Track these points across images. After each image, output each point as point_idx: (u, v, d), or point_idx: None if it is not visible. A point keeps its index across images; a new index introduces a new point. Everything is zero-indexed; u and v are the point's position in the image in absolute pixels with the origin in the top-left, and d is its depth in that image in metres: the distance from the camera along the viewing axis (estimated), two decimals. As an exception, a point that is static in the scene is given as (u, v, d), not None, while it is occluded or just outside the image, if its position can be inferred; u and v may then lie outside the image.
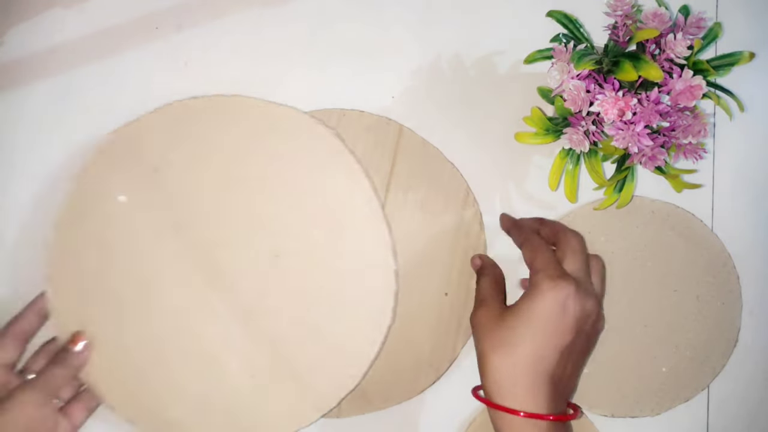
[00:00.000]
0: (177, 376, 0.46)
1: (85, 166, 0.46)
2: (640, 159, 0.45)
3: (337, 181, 0.47)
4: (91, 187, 0.46)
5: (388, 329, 0.47)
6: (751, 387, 0.53)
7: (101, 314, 0.46)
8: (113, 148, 0.46)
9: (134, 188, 0.46)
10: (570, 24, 0.48)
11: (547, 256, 0.43)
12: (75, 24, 0.51)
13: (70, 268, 0.46)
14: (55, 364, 0.45)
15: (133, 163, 0.45)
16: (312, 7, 0.52)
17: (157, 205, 0.45)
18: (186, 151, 0.46)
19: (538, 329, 0.41)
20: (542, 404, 0.40)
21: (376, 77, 0.52)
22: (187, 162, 0.46)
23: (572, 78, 0.44)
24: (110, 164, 0.46)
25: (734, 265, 0.53)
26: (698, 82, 0.43)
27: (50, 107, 0.51)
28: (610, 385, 0.51)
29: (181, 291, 0.46)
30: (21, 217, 0.50)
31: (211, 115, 0.47)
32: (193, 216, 0.46)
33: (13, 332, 0.45)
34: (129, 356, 0.46)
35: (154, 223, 0.46)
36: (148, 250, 0.46)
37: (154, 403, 0.46)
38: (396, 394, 0.49)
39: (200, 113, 0.47)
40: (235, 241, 0.46)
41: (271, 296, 0.47)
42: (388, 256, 0.47)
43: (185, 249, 0.45)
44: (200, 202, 0.46)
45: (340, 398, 0.46)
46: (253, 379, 0.46)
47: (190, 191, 0.46)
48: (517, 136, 0.49)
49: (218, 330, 0.46)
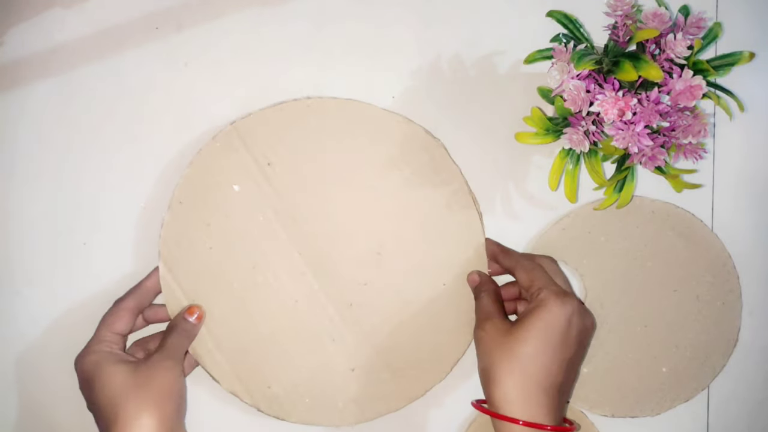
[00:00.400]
0: (280, 356, 0.49)
1: (201, 154, 0.49)
2: (640, 159, 0.45)
3: (438, 189, 0.50)
4: (206, 173, 0.49)
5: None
6: (751, 387, 0.53)
7: (209, 292, 0.49)
8: (229, 139, 0.49)
9: (247, 178, 0.49)
10: (570, 24, 0.48)
11: (546, 275, 0.45)
12: (75, 24, 0.51)
13: (183, 248, 0.48)
14: (173, 332, 0.46)
15: (247, 155, 0.48)
16: (312, 7, 0.52)
17: (268, 196, 0.49)
18: (298, 148, 0.49)
19: (548, 343, 0.42)
20: (547, 414, 0.41)
21: (376, 77, 0.52)
22: (297, 158, 0.49)
23: (572, 78, 0.44)
24: (225, 154, 0.49)
25: (734, 265, 0.53)
26: (698, 82, 0.43)
27: (50, 107, 0.51)
28: (610, 385, 0.51)
29: (286, 277, 0.49)
30: (21, 217, 0.50)
31: (325, 116, 0.50)
32: (301, 209, 0.49)
33: (127, 305, 0.47)
34: (234, 334, 0.49)
35: (264, 212, 0.49)
36: (257, 237, 0.49)
37: (256, 379, 0.49)
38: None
39: (313, 113, 0.50)
40: (338, 236, 0.49)
41: (371, 290, 0.50)
42: (482, 263, 0.50)
43: (291, 239, 0.49)
44: (308, 197, 0.49)
45: (427, 389, 0.50)
46: (350, 366, 0.50)
47: (300, 186, 0.49)
48: (517, 136, 0.49)
49: (319, 317, 0.50)
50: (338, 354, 0.50)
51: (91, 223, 0.51)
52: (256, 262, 0.49)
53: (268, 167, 0.49)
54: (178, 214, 0.48)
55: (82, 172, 0.51)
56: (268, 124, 0.49)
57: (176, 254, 0.48)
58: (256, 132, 0.49)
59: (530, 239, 0.52)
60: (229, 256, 0.49)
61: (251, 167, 0.49)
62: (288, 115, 0.49)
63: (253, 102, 0.51)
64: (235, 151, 0.49)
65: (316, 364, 0.50)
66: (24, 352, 0.51)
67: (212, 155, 0.49)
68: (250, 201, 0.49)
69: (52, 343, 0.51)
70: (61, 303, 0.51)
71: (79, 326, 0.49)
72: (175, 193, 0.49)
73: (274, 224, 0.49)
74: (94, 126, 0.51)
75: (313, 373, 0.50)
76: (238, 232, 0.49)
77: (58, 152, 0.51)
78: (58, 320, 0.51)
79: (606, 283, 0.52)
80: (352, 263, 0.50)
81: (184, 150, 0.51)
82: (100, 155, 0.51)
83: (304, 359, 0.49)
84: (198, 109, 0.51)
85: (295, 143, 0.49)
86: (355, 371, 0.50)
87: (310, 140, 0.49)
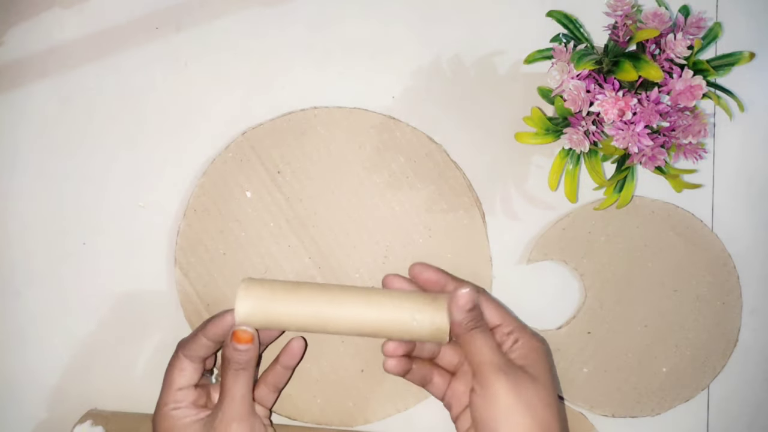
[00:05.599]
0: None
1: (214, 164, 0.50)
2: (640, 159, 0.45)
3: (443, 194, 0.51)
4: (219, 181, 0.50)
5: None
6: (751, 387, 0.53)
7: (225, 298, 0.50)
8: (241, 149, 0.50)
9: (259, 186, 0.50)
10: (570, 24, 0.48)
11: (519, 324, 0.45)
12: (75, 24, 0.51)
13: (198, 254, 0.50)
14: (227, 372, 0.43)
15: (258, 163, 0.50)
16: (312, 7, 0.52)
17: (279, 203, 0.50)
18: (306, 156, 0.51)
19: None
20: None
21: (377, 77, 0.52)
22: (306, 166, 0.51)
23: (572, 78, 0.44)
24: (237, 163, 0.50)
25: (734, 265, 0.53)
26: (698, 82, 0.43)
27: (50, 107, 0.51)
28: (610, 385, 0.51)
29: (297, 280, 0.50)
30: (22, 217, 0.50)
31: (331, 124, 0.51)
32: (310, 215, 0.50)
33: (188, 353, 0.44)
34: None
35: (274, 218, 0.50)
36: (269, 242, 0.50)
37: None
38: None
39: (320, 122, 0.51)
40: (346, 241, 0.51)
41: None
42: (487, 267, 0.51)
43: (302, 244, 0.50)
44: (317, 204, 0.51)
45: None
46: (360, 367, 0.50)
47: (309, 193, 0.51)
48: (517, 136, 0.49)
49: None
50: (348, 355, 0.50)
51: (91, 223, 0.51)
52: (268, 266, 0.50)
53: (278, 175, 0.50)
54: (193, 221, 0.50)
55: (82, 172, 0.51)
56: (277, 133, 0.51)
57: (192, 260, 0.50)
58: (265, 141, 0.50)
59: (530, 239, 0.52)
60: (242, 261, 0.50)
61: (262, 175, 0.50)
62: (296, 125, 0.51)
63: (253, 102, 0.51)
64: (247, 160, 0.50)
65: (326, 365, 0.50)
66: (24, 352, 0.51)
67: (225, 164, 0.50)
68: (261, 208, 0.50)
69: (52, 343, 0.51)
70: (61, 303, 0.51)
71: (79, 326, 0.49)
72: (190, 202, 0.50)
73: (284, 230, 0.50)
74: (94, 126, 0.51)
75: (324, 374, 0.50)
76: (250, 238, 0.50)
77: (58, 152, 0.51)
78: (58, 320, 0.51)
79: (606, 283, 0.52)
80: (360, 267, 0.51)
81: (184, 150, 0.51)
82: (100, 155, 0.51)
83: (315, 360, 0.50)
84: (198, 109, 0.51)
85: (303, 151, 0.51)
86: (364, 372, 0.50)
87: (317, 148, 0.51)
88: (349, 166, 0.51)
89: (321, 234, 0.50)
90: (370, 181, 0.51)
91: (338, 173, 0.51)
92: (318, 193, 0.50)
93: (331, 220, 0.50)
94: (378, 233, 0.51)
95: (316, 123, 0.51)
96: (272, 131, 0.51)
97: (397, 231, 0.51)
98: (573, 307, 0.52)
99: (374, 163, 0.51)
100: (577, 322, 0.51)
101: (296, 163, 0.51)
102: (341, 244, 0.50)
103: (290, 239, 0.50)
